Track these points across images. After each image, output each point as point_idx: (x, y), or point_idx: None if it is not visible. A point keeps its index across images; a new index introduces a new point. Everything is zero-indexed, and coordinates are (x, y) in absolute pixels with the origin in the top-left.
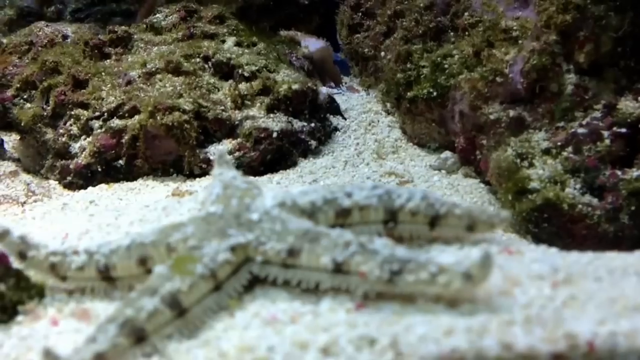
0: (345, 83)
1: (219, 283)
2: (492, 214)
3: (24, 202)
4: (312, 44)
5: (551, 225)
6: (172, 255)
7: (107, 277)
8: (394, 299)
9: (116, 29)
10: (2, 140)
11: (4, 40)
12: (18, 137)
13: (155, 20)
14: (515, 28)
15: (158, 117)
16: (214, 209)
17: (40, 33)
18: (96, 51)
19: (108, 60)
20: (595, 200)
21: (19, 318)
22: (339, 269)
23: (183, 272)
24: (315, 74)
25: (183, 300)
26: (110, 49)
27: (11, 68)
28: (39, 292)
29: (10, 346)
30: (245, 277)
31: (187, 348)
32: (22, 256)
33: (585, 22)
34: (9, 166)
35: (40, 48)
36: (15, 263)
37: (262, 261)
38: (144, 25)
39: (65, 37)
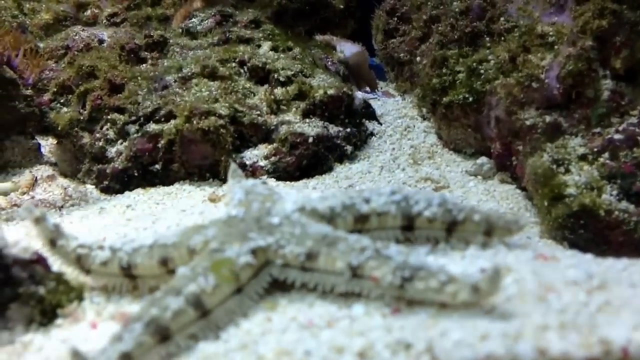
0: (381, 88)
1: (241, 285)
2: (510, 220)
3: (61, 207)
4: (347, 49)
5: (587, 232)
6: (193, 257)
7: (129, 275)
8: (429, 304)
9: (152, 34)
10: (39, 145)
11: (41, 45)
12: (55, 141)
13: (191, 24)
14: (551, 33)
15: (194, 122)
16: (235, 212)
17: (77, 37)
18: (132, 55)
19: (144, 65)
20: (632, 207)
21: (59, 321)
22: (354, 273)
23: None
24: (351, 79)
25: (206, 301)
26: (146, 53)
27: (47, 72)
28: (77, 295)
29: (51, 349)
30: (266, 279)
31: (225, 351)
32: (53, 244)
33: (621, 27)
34: (46, 170)
35: (76, 52)
36: (44, 251)
37: (281, 264)
38: (180, 30)
39: (101, 41)
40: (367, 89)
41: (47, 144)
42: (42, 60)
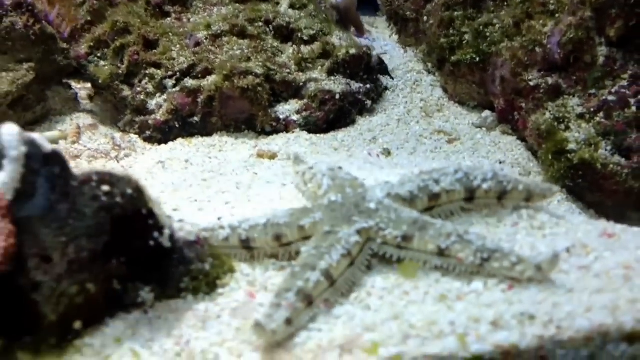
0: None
1: (353, 259)
2: (545, 188)
3: (116, 157)
4: None
5: (585, 181)
6: (302, 234)
7: (247, 247)
8: (535, 282)
9: None
10: (77, 94)
11: None
12: (83, 84)
13: None
14: (552, 2)
15: (235, 81)
16: (334, 198)
17: None
18: (157, 10)
19: (169, 19)
20: (623, 160)
21: (219, 291)
22: (442, 253)
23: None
24: (342, 23)
25: (333, 273)
26: (169, 7)
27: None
28: (230, 269)
29: (228, 316)
30: (368, 253)
31: (382, 320)
32: None
33: (616, 1)
34: (86, 119)
35: (95, 2)
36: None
37: (381, 242)
38: None
39: None
40: (355, 32)
41: (77, 89)
42: (75, 15)
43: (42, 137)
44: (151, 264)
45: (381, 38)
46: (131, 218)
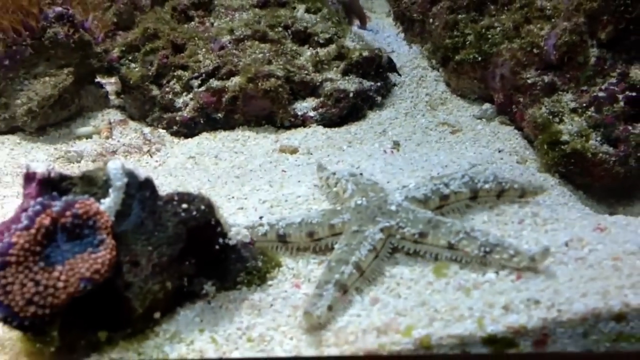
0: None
1: (377, 253)
2: (537, 186)
3: (148, 151)
4: None
5: (576, 168)
6: (332, 231)
7: (283, 241)
8: (539, 273)
9: None
10: (107, 92)
11: None
12: (112, 79)
13: None
14: (548, 8)
15: (259, 83)
16: (360, 201)
17: None
18: (182, 15)
19: (192, 23)
20: (611, 149)
21: (269, 283)
22: (451, 247)
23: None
24: (347, 15)
25: (362, 265)
26: (193, 12)
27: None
28: (277, 264)
29: (280, 304)
30: (389, 247)
31: (412, 306)
32: None
33: (607, 7)
34: (116, 114)
35: (121, 6)
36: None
37: (400, 238)
38: None
39: None
40: (358, 23)
41: (104, 83)
42: (106, 20)
43: (138, 168)
44: (214, 263)
45: (381, 26)
46: (202, 227)
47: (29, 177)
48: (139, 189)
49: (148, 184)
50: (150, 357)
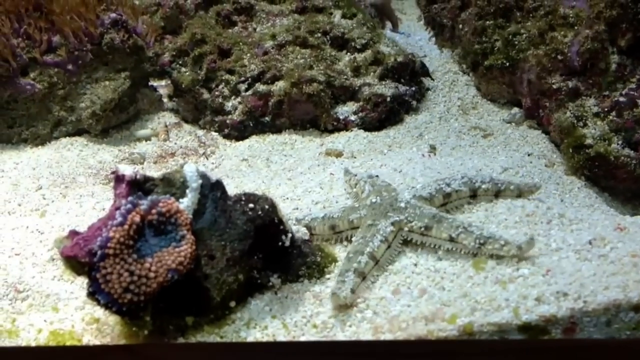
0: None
1: (389, 244)
2: (531, 185)
3: (204, 154)
4: None
5: (600, 170)
6: (351, 225)
7: (310, 233)
8: (568, 266)
9: (239, 0)
10: (161, 95)
11: (137, 2)
12: (163, 82)
13: None
14: (571, 15)
15: (302, 87)
16: (374, 199)
17: None
18: (226, 20)
19: (236, 27)
20: (632, 153)
21: (327, 276)
22: (452, 239)
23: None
24: (379, 19)
25: (377, 255)
26: (236, 17)
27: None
28: (333, 259)
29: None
30: (399, 240)
31: (455, 298)
32: None
33: (626, 16)
34: (170, 117)
35: (167, 10)
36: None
37: (408, 230)
38: None
39: None
40: (391, 26)
41: (158, 85)
42: (156, 26)
43: (209, 171)
44: (278, 257)
45: (412, 29)
46: (267, 225)
47: (119, 179)
48: (211, 190)
49: (219, 185)
50: (231, 340)
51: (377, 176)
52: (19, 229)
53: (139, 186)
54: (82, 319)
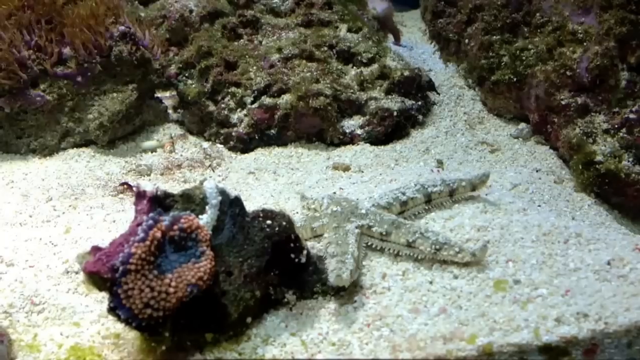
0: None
1: (358, 245)
2: (481, 175)
3: (210, 166)
4: (378, 6)
5: (610, 188)
6: (313, 233)
7: None
8: (587, 287)
9: (245, 13)
10: (166, 107)
11: (142, 14)
12: (167, 93)
13: (274, 4)
14: (580, 31)
15: (309, 101)
16: (336, 208)
17: (172, 8)
18: (232, 33)
19: (242, 41)
20: None
21: (341, 293)
22: (409, 245)
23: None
24: (381, 31)
25: (355, 252)
26: (242, 30)
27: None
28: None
29: (353, 314)
30: (363, 243)
31: (472, 317)
32: None
33: (637, 33)
34: (175, 129)
35: (173, 22)
36: None
37: (369, 235)
38: (263, 7)
39: (190, 10)
40: (392, 39)
41: (163, 97)
42: (162, 38)
43: (228, 188)
44: (294, 274)
45: (414, 41)
46: (284, 242)
47: (140, 195)
48: (230, 206)
49: (237, 201)
50: (250, 357)
51: (334, 193)
52: (32, 241)
53: (159, 202)
54: (99, 332)
